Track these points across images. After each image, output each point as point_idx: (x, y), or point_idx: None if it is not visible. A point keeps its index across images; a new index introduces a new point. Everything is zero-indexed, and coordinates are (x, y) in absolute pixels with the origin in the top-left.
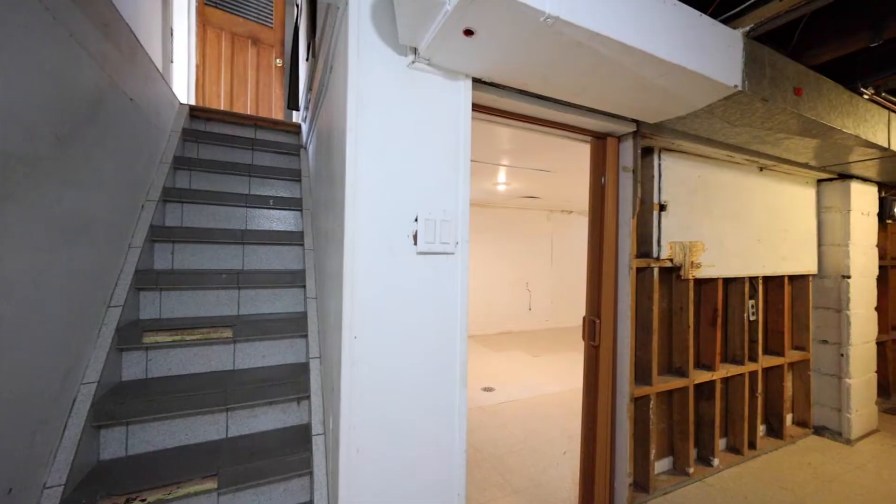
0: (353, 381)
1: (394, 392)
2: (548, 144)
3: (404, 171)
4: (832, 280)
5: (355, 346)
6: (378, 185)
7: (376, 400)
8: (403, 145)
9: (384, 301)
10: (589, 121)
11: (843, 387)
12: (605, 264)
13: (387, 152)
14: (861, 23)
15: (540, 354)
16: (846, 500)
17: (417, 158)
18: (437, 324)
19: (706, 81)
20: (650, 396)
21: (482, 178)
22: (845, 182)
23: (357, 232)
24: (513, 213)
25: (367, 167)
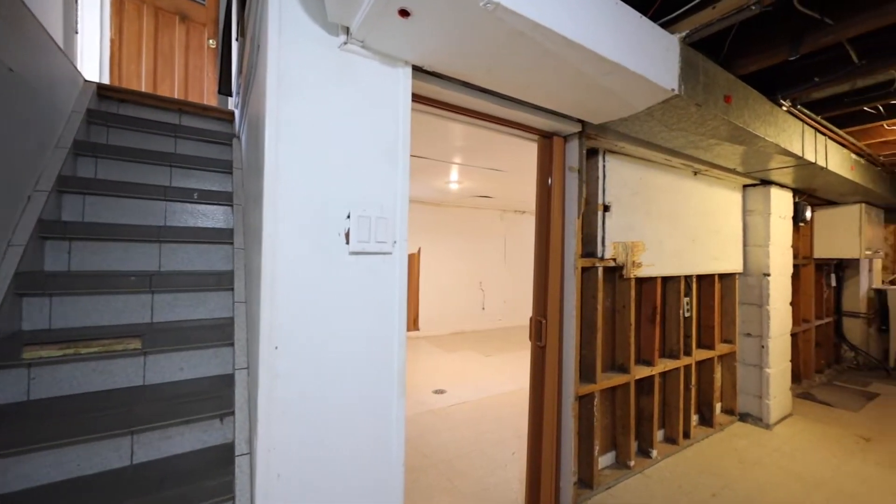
0: (273, 397)
1: (321, 408)
2: (500, 143)
3: (335, 164)
4: (755, 278)
5: (276, 357)
6: (304, 178)
7: (301, 418)
8: (335, 135)
9: (311, 306)
10: (536, 119)
11: (763, 376)
12: (552, 264)
13: (315, 141)
14: (782, 37)
15: (492, 354)
16: (766, 482)
17: (351, 150)
18: (373, 330)
19: (646, 83)
20: (594, 394)
21: (434, 175)
22: (766, 187)
23: (278, 229)
24: (466, 212)
25: (290, 157)
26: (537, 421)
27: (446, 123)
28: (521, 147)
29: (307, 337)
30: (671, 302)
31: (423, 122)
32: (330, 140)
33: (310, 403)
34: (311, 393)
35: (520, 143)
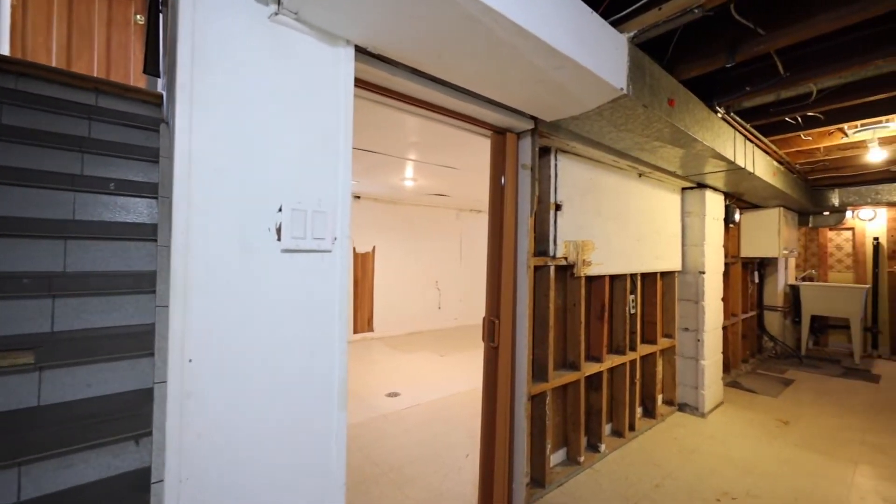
0: (187, 418)
1: (247, 429)
2: (454, 140)
3: (265, 150)
4: (692, 275)
5: (190, 372)
6: (225, 165)
7: (221, 442)
8: (265, 117)
9: (234, 312)
10: (489, 113)
11: (699, 368)
12: (505, 263)
13: (240, 124)
14: (720, 45)
15: (448, 354)
16: (703, 469)
17: (284, 136)
18: (309, 338)
19: (597, 81)
20: (547, 393)
21: (389, 172)
22: (702, 190)
23: (192, 223)
24: (423, 210)
25: (207, 140)
26: (490, 423)
27: (400, 117)
28: (476, 145)
29: (229, 348)
30: (618, 299)
31: (375, 114)
32: (258, 123)
33: (232, 424)
34: (233, 412)
35: (474, 141)
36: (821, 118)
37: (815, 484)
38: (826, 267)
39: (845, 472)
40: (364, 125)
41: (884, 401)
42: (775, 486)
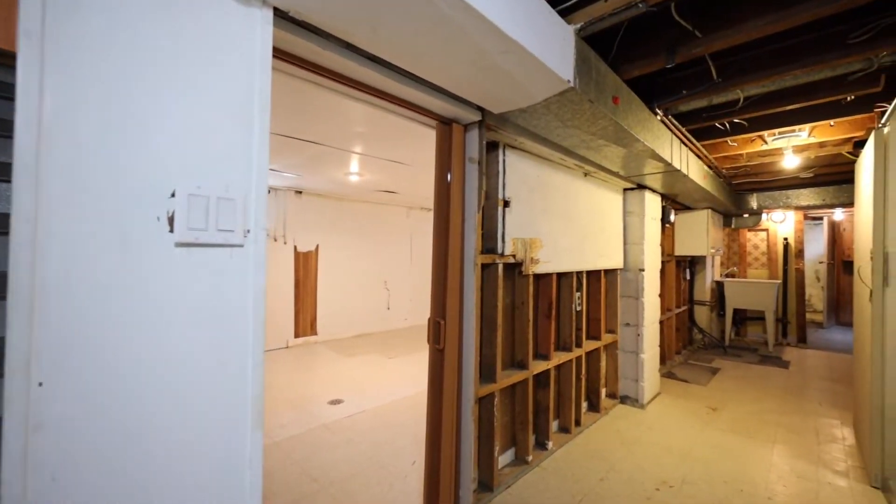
0: (33, 459)
1: (123, 466)
2: (402, 133)
3: (153, 122)
4: (633, 273)
5: (39, 398)
6: (94, 138)
7: (86, 486)
8: (155, 83)
9: (109, 320)
10: (434, 101)
11: (639, 361)
12: (451, 261)
13: (119, 89)
14: (661, 46)
15: (396, 356)
16: (643, 459)
17: (182, 106)
18: (213, 349)
19: (544, 71)
20: (495, 394)
21: (332, 166)
22: (642, 191)
23: (44, 209)
24: (371, 208)
25: (68, 106)
26: (435, 429)
27: (341, 103)
28: (425, 140)
29: (100, 366)
30: (565, 297)
31: (314, 99)
32: (146, 89)
33: (104, 460)
34: (106, 445)
35: (423, 136)
36: (745, 125)
37: (740, 466)
38: (745, 264)
39: (765, 452)
40: (300, 111)
41: (793, 384)
42: (708, 472)
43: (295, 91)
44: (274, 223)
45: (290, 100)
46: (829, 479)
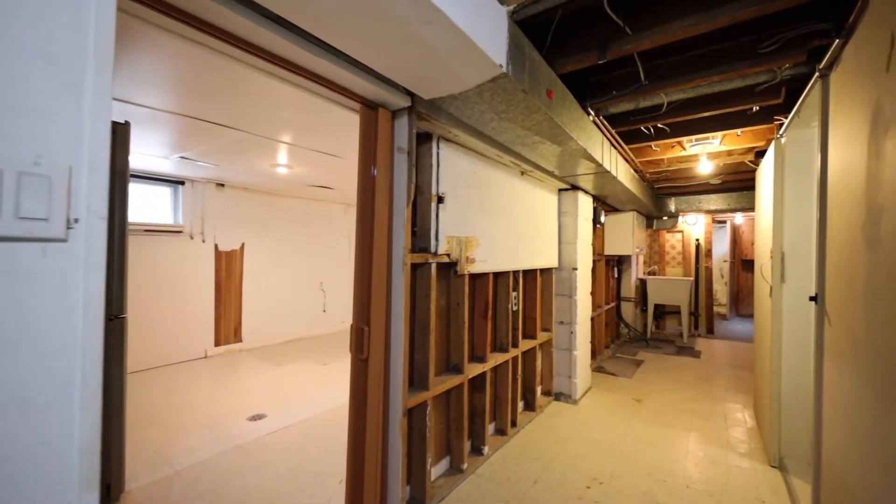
0: None
1: None
2: (333, 121)
3: None
4: (567, 272)
5: None
6: None
7: None
8: None
9: None
10: (357, 80)
11: (572, 358)
12: (377, 261)
13: None
14: (593, 41)
15: (331, 361)
16: (575, 456)
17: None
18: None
19: (473, 50)
20: (427, 402)
21: (256, 155)
22: (575, 192)
23: None
24: (305, 204)
25: None
26: (358, 448)
27: (260, 84)
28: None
29: None
30: (501, 296)
31: (228, 77)
32: None
33: None
34: None
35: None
36: (667, 131)
37: (662, 456)
38: (664, 263)
39: (683, 440)
40: (216, 91)
41: (704, 373)
42: (633, 465)
43: (206, 66)
44: (191, 219)
45: (202, 77)
46: (736, 462)
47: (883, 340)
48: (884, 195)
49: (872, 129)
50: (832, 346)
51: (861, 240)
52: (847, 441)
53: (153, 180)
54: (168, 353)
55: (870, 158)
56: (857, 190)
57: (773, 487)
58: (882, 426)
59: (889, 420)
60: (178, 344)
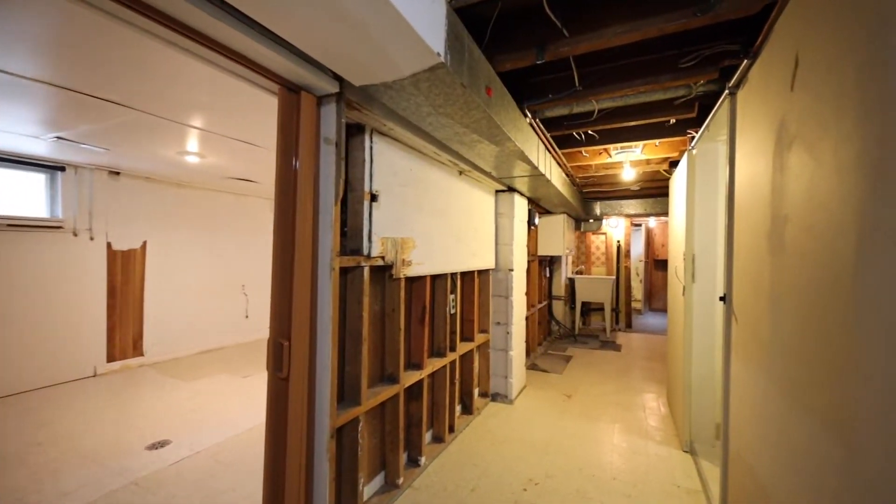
0: None
1: None
2: (255, 106)
3: None
4: (503, 273)
5: None
6: None
7: None
8: None
9: None
10: (274, 56)
11: (508, 358)
12: (299, 266)
13: None
14: (532, 40)
15: (253, 373)
16: (511, 458)
17: None
18: None
19: (408, 32)
20: (359, 418)
21: (159, 140)
22: (512, 194)
23: None
24: (224, 198)
25: None
26: (277, 478)
27: (170, 59)
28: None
29: None
30: (439, 300)
31: (132, 48)
32: None
33: None
34: None
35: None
36: (596, 137)
37: (591, 451)
38: (590, 263)
39: (609, 433)
40: (103, 60)
41: (624, 365)
42: (566, 462)
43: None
44: (74, 213)
45: (91, 44)
46: (655, 451)
47: (787, 340)
48: (788, 206)
49: (777, 144)
50: (739, 343)
51: (766, 246)
52: (753, 431)
53: (20, 164)
54: (42, 374)
55: (774, 171)
56: (762, 200)
57: (686, 472)
58: (787, 418)
59: (793, 413)
60: (58, 361)
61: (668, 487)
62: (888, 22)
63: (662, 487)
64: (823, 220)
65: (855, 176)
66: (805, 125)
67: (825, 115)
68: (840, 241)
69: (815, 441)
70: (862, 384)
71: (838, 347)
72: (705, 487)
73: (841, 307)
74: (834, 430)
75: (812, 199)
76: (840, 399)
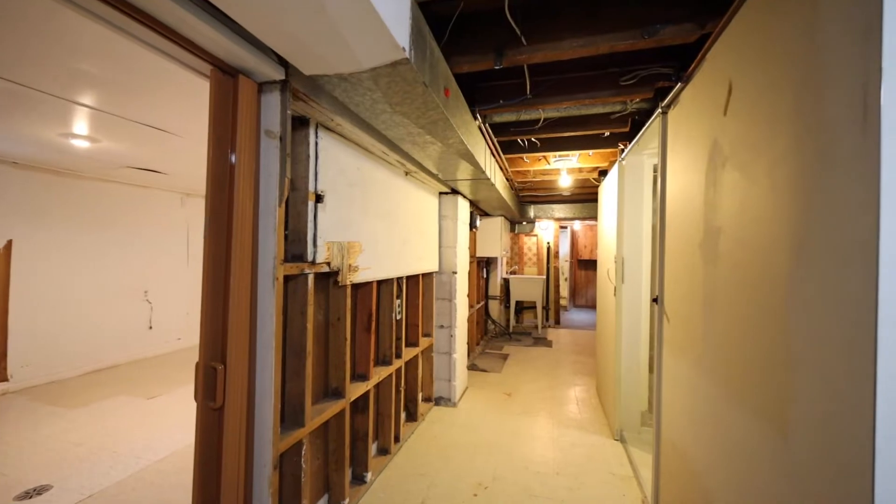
0: None
1: None
2: (171, 84)
3: None
4: (447, 275)
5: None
6: None
7: None
8: None
9: None
10: (208, 31)
11: (451, 361)
12: (237, 276)
13: None
14: (491, 45)
15: (161, 393)
16: (459, 464)
17: None
18: None
19: (375, 22)
20: (303, 441)
21: (33, 119)
22: (455, 196)
23: None
24: (123, 190)
25: None
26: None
27: (55, 14)
28: (202, 97)
29: None
30: (385, 306)
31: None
32: None
33: None
34: None
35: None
36: (538, 144)
37: (534, 448)
38: (522, 263)
39: (548, 428)
40: None
41: (556, 360)
42: (512, 461)
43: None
44: None
45: None
46: (591, 441)
47: (721, 339)
48: (721, 219)
49: (710, 163)
50: (670, 341)
51: (699, 254)
52: (685, 419)
53: None
54: None
55: (707, 187)
56: (695, 212)
57: (618, 459)
58: (721, 409)
59: (727, 404)
60: None
61: (605, 476)
62: (816, 64)
63: (600, 477)
64: (757, 234)
65: (788, 196)
66: (738, 147)
67: (758, 140)
68: (774, 254)
69: (749, 429)
70: (797, 378)
71: (774, 346)
72: (636, 473)
73: (776, 311)
74: (766, 418)
75: (745, 214)
76: (776, 391)
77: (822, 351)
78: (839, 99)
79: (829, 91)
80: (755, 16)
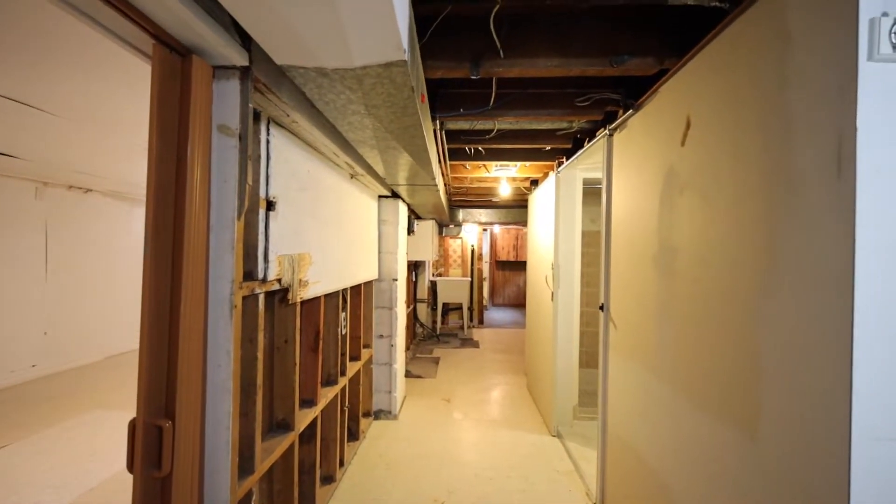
0: None
1: None
2: (55, 42)
3: None
4: (387, 283)
5: None
6: None
7: None
8: None
9: None
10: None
11: (392, 372)
12: (188, 306)
13: None
14: (468, 54)
15: (11, 441)
16: (409, 483)
17: None
18: None
19: (387, 13)
20: (253, 490)
21: None
22: (396, 200)
23: None
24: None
25: None
26: None
27: None
28: (101, 68)
29: None
30: (331, 321)
31: None
32: None
33: None
34: None
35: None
36: (483, 153)
37: (482, 453)
38: (448, 265)
39: (490, 430)
40: None
41: (485, 361)
42: (463, 471)
43: None
44: None
45: None
46: (531, 440)
47: (679, 347)
48: (678, 238)
49: (667, 186)
50: (617, 345)
51: (652, 267)
52: (639, 420)
53: None
54: None
55: (663, 208)
56: (649, 229)
57: (558, 455)
58: (680, 413)
59: (687, 407)
60: None
61: (551, 474)
62: (787, 115)
63: (546, 475)
64: (719, 255)
65: (756, 224)
66: (698, 177)
67: (719, 172)
68: (737, 273)
69: (714, 431)
70: (764, 384)
71: (739, 355)
72: (577, 467)
73: (744, 323)
74: (732, 421)
75: (707, 237)
76: (742, 396)
77: (792, 357)
78: (812, 144)
79: (800, 137)
80: (718, 60)
